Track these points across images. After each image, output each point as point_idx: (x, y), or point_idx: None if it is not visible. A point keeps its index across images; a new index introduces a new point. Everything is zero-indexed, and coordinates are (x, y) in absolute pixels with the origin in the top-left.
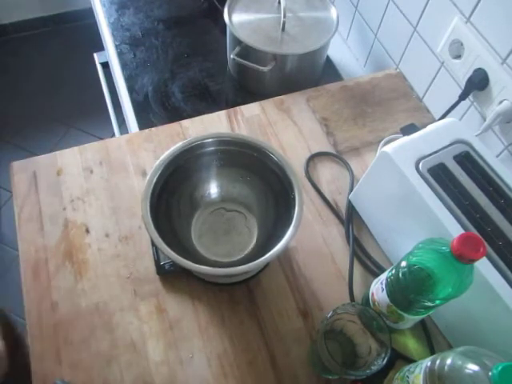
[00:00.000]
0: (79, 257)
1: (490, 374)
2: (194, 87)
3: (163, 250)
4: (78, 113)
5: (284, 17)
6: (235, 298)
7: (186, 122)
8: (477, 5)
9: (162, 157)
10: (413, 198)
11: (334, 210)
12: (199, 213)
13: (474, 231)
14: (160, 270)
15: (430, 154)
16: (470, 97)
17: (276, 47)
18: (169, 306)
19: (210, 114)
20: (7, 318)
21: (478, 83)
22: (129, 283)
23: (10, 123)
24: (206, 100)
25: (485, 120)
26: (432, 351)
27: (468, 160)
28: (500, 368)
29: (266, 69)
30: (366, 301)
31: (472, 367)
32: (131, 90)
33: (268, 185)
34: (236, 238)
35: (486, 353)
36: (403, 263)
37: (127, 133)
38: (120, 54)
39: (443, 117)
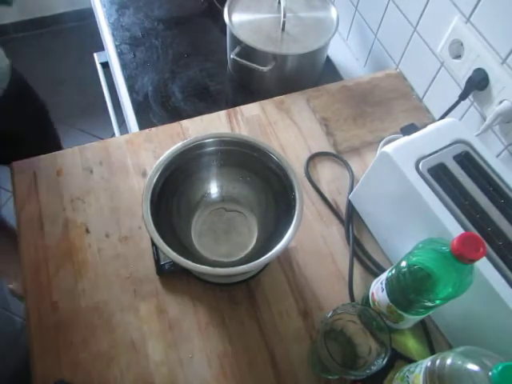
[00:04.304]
0: (79, 257)
1: (490, 373)
2: (194, 87)
3: (163, 250)
4: (78, 113)
5: (284, 17)
6: (235, 298)
7: (186, 122)
8: (477, 5)
9: (162, 157)
10: (413, 198)
11: (334, 210)
12: (199, 213)
13: (474, 231)
14: (160, 270)
15: (430, 154)
16: (470, 97)
17: (276, 47)
18: (169, 306)
19: (210, 114)
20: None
21: (478, 83)
22: (129, 283)
23: None
24: (205, 100)
25: (485, 120)
26: (432, 351)
27: (468, 160)
28: (500, 368)
29: (266, 69)
30: (365, 301)
31: (472, 367)
32: (131, 90)
33: (268, 185)
34: (236, 238)
35: (486, 353)
36: (403, 263)
37: (127, 133)
38: (120, 54)
39: (443, 117)
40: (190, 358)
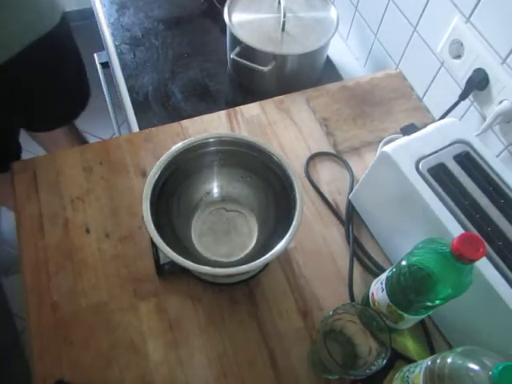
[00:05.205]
0: (79, 257)
1: (490, 373)
2: (194, 87)
3: (163, 250)
4: None
5: (284, 17)
6: (235, 298)
7: (186, 122)
8: (477, 5)
9: (162, 157)
10: (413, 198)
11: (333, 210)
12: (199, 213)
13: (474, 231)
14: (160, 270)
15: (430, 154)
16: (470, 97)
17: (276, 47)
18: (169, 306)
19: (210, 114)
20: None
21: (478, 83)
22: (129, 283)
23: None
24: (205, 100)
25: (485, 120)
26: (432, 351)
27: (468, 160)
28: (500, 368)
29: (266, 69)
30: (366, 301)
31: (472, 367)
32: (131, 90)
33: (268, 185)
34: (236, 238)
35: (485, 353)
36: (403, 263)
37: (127, 133)
38: (120, 54)
39: (443, 117)
40: (190, 358)
